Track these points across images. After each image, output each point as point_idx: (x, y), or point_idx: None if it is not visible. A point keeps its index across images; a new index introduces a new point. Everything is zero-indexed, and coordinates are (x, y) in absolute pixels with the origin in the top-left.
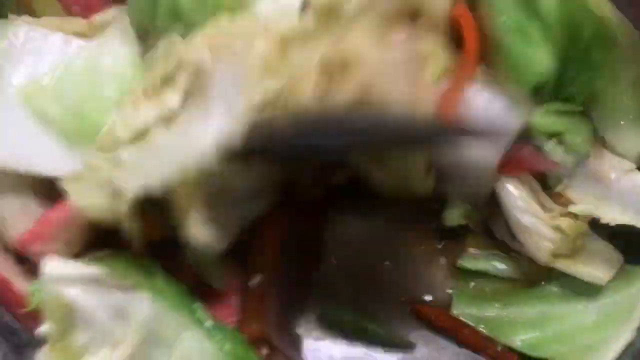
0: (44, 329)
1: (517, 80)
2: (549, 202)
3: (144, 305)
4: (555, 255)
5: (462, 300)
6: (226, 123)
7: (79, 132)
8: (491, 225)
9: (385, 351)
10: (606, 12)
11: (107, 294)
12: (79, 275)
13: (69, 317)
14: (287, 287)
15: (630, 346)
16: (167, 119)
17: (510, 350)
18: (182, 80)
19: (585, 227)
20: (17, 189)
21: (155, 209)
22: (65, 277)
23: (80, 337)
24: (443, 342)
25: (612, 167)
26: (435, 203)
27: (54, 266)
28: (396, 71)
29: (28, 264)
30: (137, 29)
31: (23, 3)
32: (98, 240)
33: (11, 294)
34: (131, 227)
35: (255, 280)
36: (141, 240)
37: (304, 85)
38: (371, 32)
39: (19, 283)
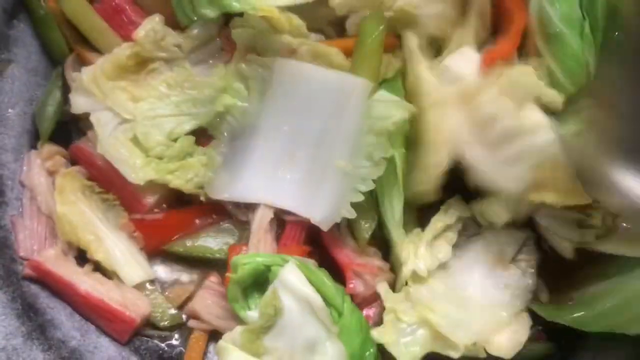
0: (251, 313)
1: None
2: None
3: (333, 351)
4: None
5: None
6: None
7: None
8: None
9: None
10: None
11: (313, 323)
12: (305, 295)
13: (273, 320)
14: None
15: None
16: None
17: None
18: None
19: None
20: None
21: None
22: (294, 287)
23: (269, 340)
24: None
25: None
26: None
27: (292, 273)
28: None
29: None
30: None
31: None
32: None
33: (77, 296)
34: None
35: None
36: None
37: None
38: None
39: (84, 285)
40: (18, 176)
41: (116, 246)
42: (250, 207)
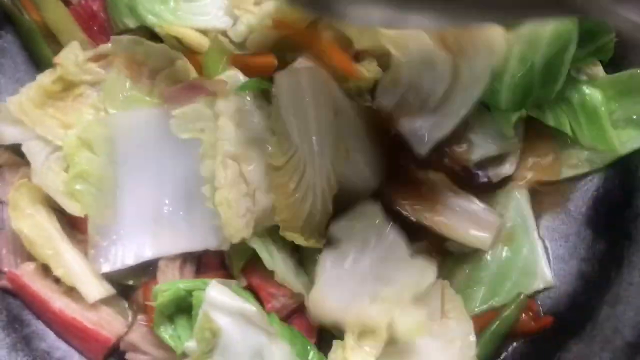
0: (189, 344)
1: None
2: None
3: (280, 352)
4: None
5: None
6: None
7: None
8: None
9: None
10: None
11: (252, 332)
12: (235, 308)
13: (213, 342)
14: None
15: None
16: None
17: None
18: None
19: None
20: None
21: None
22: (223, 304)
23: None
24: None
25: None
26: None
27: (217, 291)
28: None
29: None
30: None
31: (49, 34)
32: None
33: (50, 313)
34: None
35: None
36: None
37: None
38: None
39: (58, 302)
40: None
41: (75, 261)
42: None
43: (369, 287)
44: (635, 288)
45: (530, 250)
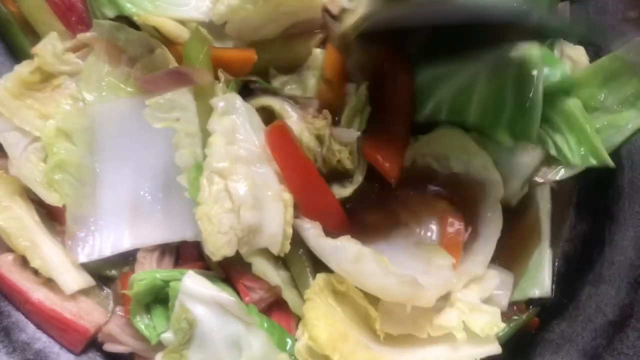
0: (166, 335)
1: None
2: None
3: (257, 342)
4: None
5: None
6: None
7: None
8: None
9: None
10: None
11: (229, 322)
12: (211, 297)
13: (189, 332)
14: None
15: None
16: None
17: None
18: None
19: None
20: None
21: None
22: (199, 294)
23: (193, 354)
24: None
25: None
26: None
27: (193, 281)
28: None
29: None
30: None
31: (27, 25)
32: None
33: (29, 304)
34: None
35: None
36: None
37: None
38: None
39: (37, 293)
40: None
41: (53, 252)
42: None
43: None
44: (617, 267)
45: (539, 256)
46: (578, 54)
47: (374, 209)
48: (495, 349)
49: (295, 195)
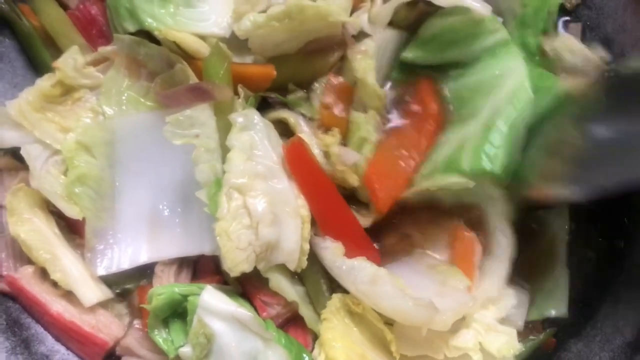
0: (184, 349)
1: None
2: None
3: (275, 358)
4: None
5: None
6: None
7: None
8: None
9: None
10: None
11: (247, 337)
12: (229, 313)
13: (207, 347)
14: None
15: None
16: None
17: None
18: None
19: None
20: None
21: None
22: (217, 309)
23: None
24: None
25: None
26: None
27: (211, 296)
28: None
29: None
30: None
31: (48, 39)
32: None
33: (48, 316)
34: None
35: None
36: None
37: None
38: None
39: (56, 306)
40: None
41: (73, 265)
42: None
43: None
44: (635, 287)
45: (555, 275)
46: (571, 42)
47: (388, 231)
48: None
49: (315, 213)
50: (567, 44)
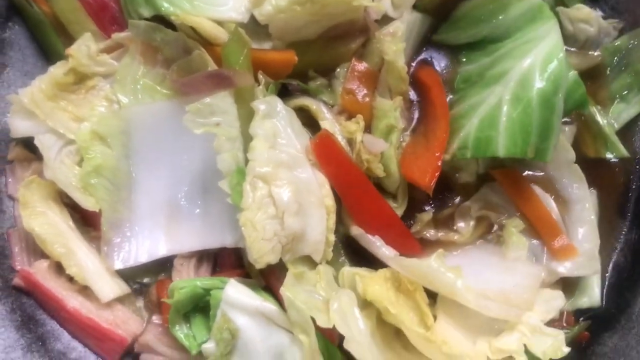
0: (207, 345)
1: None
2: None
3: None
4: None
5: None
6: None
7: None
8: None
9: None
10: None
11: (273, 332)
12: (254, 307)
13: (232, 343)
14: None
15: None
16: None
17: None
18: None
19: None
20: None
21: None
22: (241, 303)
23: None
24: None
25: None
26: None
27: (236, 290)
28: None
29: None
30: None
31: (60, 26)
32: None
33: (64, 312)
34: None
35: None
36: None
37: None
38: None
39: (72, 301)
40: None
41: (89, 259)
42: None
43: None
44: None
45: None
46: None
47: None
48: None
49: (349, 206)
50: (583, 12)
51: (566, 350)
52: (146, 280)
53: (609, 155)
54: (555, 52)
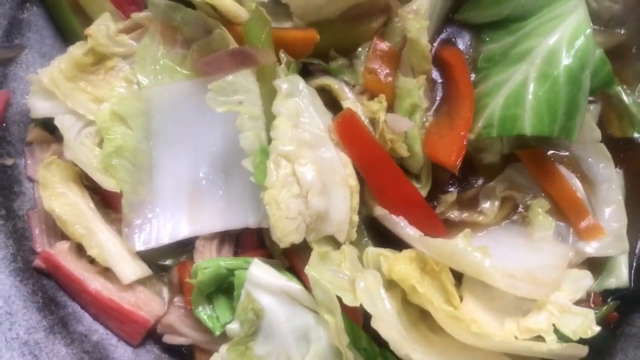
0: (231, 326)
1: None
2: None
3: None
4: None
5: None
6: None
7: None
8: None
9: None
10: None
11: (298, 313)
12: (279, 287)
13: (256, 323)
14: None
15: None
16: None
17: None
18: None
19: None
20: None
21: None
22: (266, 283)
23: (259, 347)
24: None
25: None
26: None
27: (260, 270)
28: None
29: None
30: None
31: (77, 7)
32: None
33: (86, 294)
34: None
35: None
36: None
37: None
38: None
39: (94, 283)
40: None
41: (110, 241)
42: None
43: None
44: None
45: None
46: None
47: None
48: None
49: (373, 187)
50: None
51: (597, 329)
52: (168, 263)
53: (635, 135)
54: (582, 28)
